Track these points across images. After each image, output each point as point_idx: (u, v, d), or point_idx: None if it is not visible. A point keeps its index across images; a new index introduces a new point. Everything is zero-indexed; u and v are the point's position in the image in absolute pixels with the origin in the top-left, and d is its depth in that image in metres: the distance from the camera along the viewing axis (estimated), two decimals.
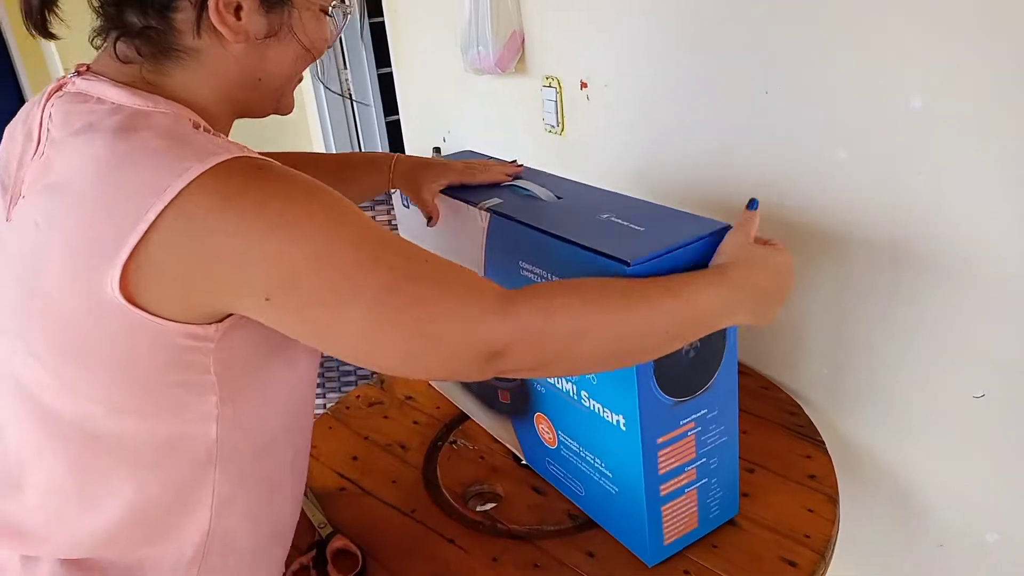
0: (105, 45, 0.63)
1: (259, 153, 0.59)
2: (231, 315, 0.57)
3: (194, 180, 0.51)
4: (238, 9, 0.60)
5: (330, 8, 0.66)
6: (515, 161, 0.93)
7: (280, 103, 0.70)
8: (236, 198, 0.52)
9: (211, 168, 0.52)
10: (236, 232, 0.52)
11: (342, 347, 0.57)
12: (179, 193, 0.51)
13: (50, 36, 0.62)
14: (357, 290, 0.54)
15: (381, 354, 0.58)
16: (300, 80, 0.71)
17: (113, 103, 0.58)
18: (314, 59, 0.68)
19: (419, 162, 0.92)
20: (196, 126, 0.58)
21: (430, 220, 0.90)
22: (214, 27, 0.60)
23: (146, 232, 0.51)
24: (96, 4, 0.61)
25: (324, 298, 0.54)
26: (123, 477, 0.60)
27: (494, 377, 0.59)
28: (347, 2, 0.68)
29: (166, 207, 0.51)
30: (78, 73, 0.62)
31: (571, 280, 0.63)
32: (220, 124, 0.65)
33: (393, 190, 0.97)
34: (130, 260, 0.52)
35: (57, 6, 0.62)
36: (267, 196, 0.53)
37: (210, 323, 0.56)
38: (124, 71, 0.61)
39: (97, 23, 0.62)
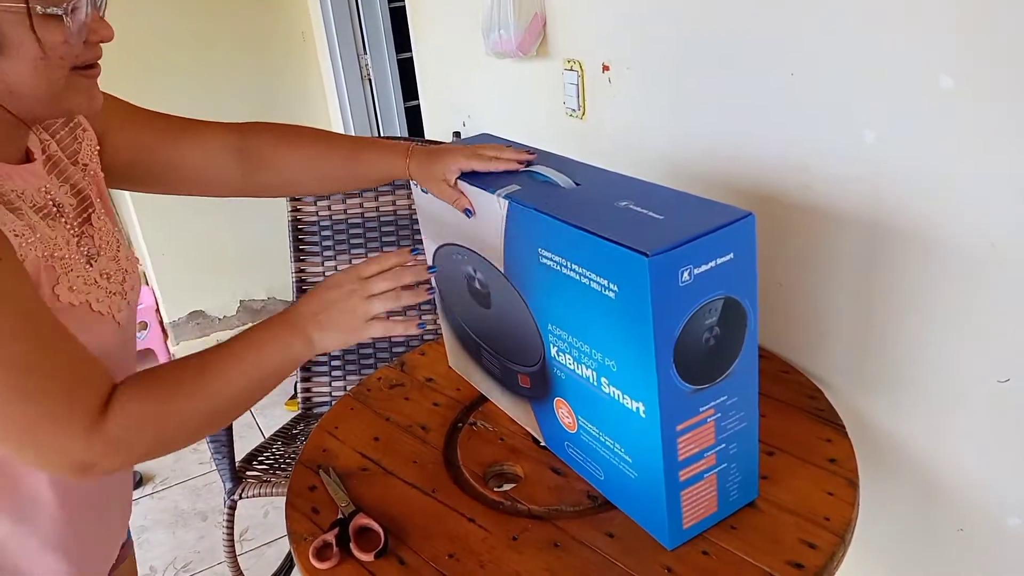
0: None
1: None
2: None
3: None
4: None
5: (46, 10, 0.61)
6: (530, 149, 0.93)
7: (63, 107, 0.68)
8: None
9: None
10: None
11: None
12: None
13: None
14: None
15: None
16: (95, 73, 0.68)
17: None
18: (67, 62, 0.64)
19: (431, 153, 0.91)
20: None
21: (467, 212, 0.89)
22: None
23: None
24: None
25: None
26: None
27: (513, 362, 0.61)
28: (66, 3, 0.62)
29: None
30: None
31: (149, 375, 0.68)
32: None
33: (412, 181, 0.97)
34: None
35: None
36: None
37: None
38: None
39: None
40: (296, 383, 1.79)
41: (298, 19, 2.70)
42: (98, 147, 0.83)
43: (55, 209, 0.73)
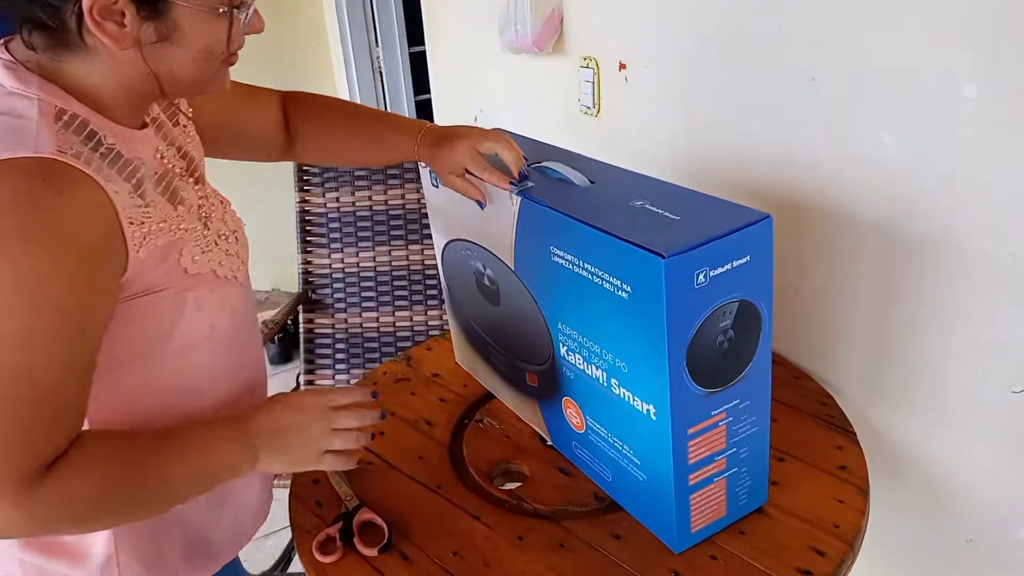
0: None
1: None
2: None
3: None
4: (123, 15, 0.60)
5: (221, 9, 0.64)
6: (527, 160, 0.86)
7: (203, 90, 0.71)
8: None
9: (4, 159, 0.56)
10: None
11: None
12: None
13: None
14: None
15: None
16: (231, 62, 0.70)
17: None
18: (222, 59, 0.68)
19: (440, 140, 0.87)
20: (60, 115, 0.62)
21: (480, 204, 0.87)
22: None
23: None
24: None
25: None
26: None
27: (521, 360, 0.60)
28: (237, 10, 0.65)
29: None
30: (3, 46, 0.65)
31: (96, 446, 0.64)
32: (122, 112, 0.68)
33: (421, 165, 0.96)
34: None
35: None
36: None
37: None
38: (27, 53, 0.64)
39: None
40: (299, 375, 1.79)
41: (311, 11, 2.70)
42: (191, 109, 0.84)
43: (175, 170, 0.74)
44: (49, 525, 0.64)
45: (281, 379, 2.52)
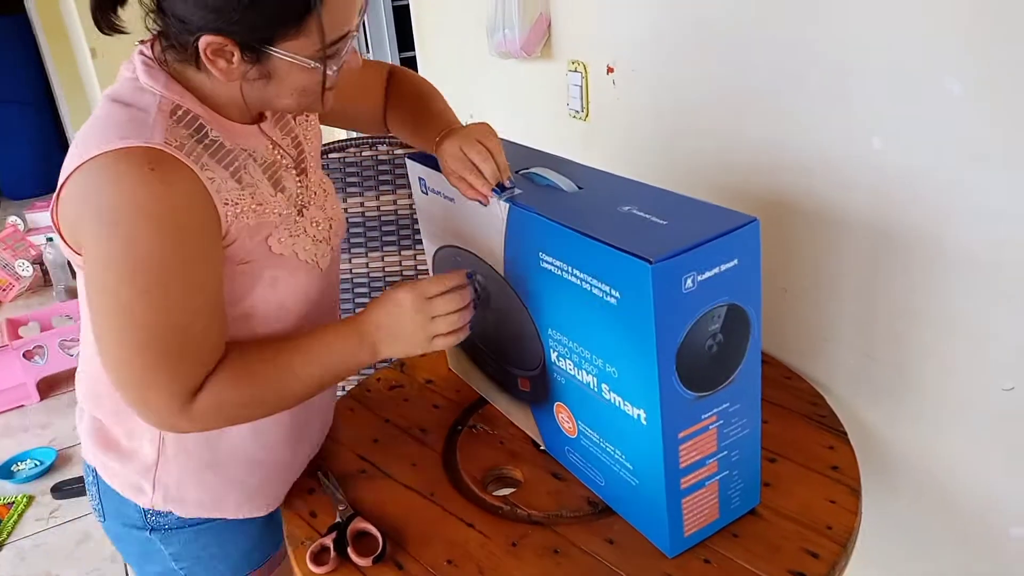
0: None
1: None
2: None
3: (99, 155, 0.68)
4: (232, 56, 0.70)
5: (312, 64, 0.72)
6: (510, 176, 0.85)
7: (299, 112, 0.82)
8: (100, 185, 0.68)
9: (112, 151, 0.68)
10: (86, 206, 0.69)
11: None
12: (86, 160, 0.68)
13: (115, 30, 0.76)
14: (114, 315, 0.71)
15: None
16: (330, 92, 0.77)
17: (132, 76, 0.75)
18: (317, 96, 0.76)
19: (449, 136, 0.87)
20: (176, 110, 0.73)
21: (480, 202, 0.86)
22: None
23: (65, 182, 0.70)
24: (148, 9, 0.73)
25: (101, 299, 0.71)
26: None
27: (513, 365, 0.61)
28: (330, 62, 0.73)
29: (78, 167, 0.68)
30: (144, 42, 0.77)
31: (237, 362, 0.77)
32: (233, 112, 0.79)
33: (409, 171, 0.98)
34: (57, 200, 0.72)
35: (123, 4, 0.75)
36: (113, 197, 0.68)
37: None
38: (161, 54, 0.75)
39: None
40: None
41: None
42: None
43: (283, 162, 0.84)
44: (209, 425, 0.79)
45: None
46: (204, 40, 0.69)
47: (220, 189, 0.73)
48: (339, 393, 1.17)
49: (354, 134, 2.77)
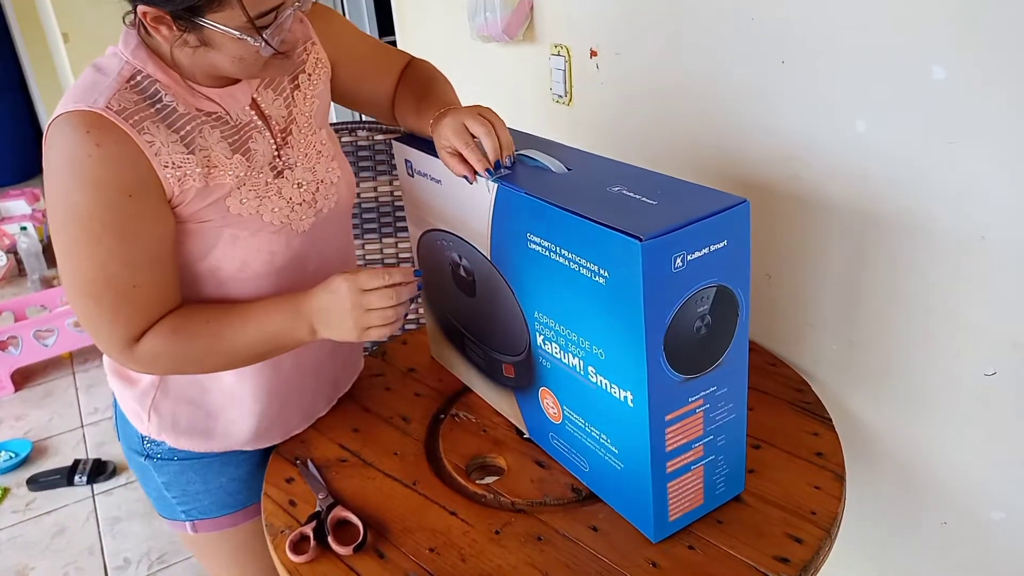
0: None
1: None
2: None
3: (57, 116, 0.74)
4: (170, 24, 0.73)
5: (239, 35, 0.73)
6: (512, 156, 0.83)
7: (260, 77, 0.83)
8: (50, 143, 0.74)
9: (64, 113, 0.73)
10: (44, 161, 0.75)
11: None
12: (51, 121, 0.74)
13: None
14: (61, 257, 0.77)
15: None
16: (281, 58, 0.78)
17: (115, 48, 0.80)
18: (263, 59, 0.77)
19: (445, 113, 0.86)
20: (135, 75, 0.78)
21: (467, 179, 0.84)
22: None
23: (45, 137, 0.75)
24: None
25: (54, 240, 0.77)
26: None
27: (497, 351, 0.59)
28: (265, 33, 0.73)
29: (48, 125, 0.75)
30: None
31: (179, 319, 0.81)
32: (198, 76, 0.81)
33: (397, 152, 0.96)
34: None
35: None
36: (58, 155, 0.74)
37: None
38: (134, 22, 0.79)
39: None
40: None
41: None
42: (328, 67, 0.95)
43: (260, 123, 0.85)
44: (153, 370, 0.85)
45: None
46: (141, 8, 0.72)
47: (160, 153, 0.76)
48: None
49: (334, 120, 2.74)
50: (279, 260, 0.86)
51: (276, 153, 0.87)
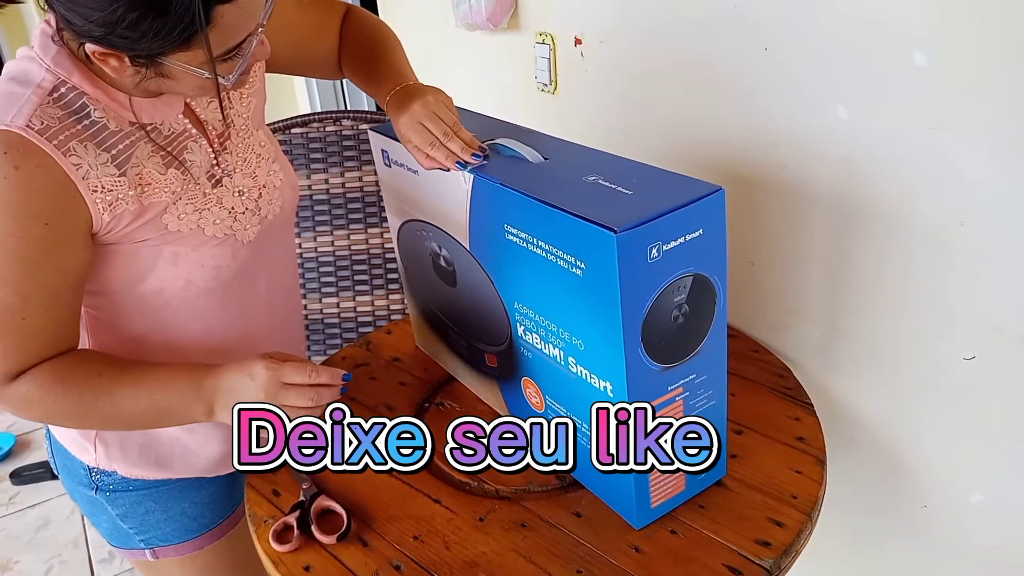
0: None
1: None
2: None
3: None
4: (122, 59, 0.66)
5: (205, 74, 0.68)
6: (482, 146, 0.82)
7: (205, 95, 0.79)
8: None
9: None
10: None
11: None
12: None
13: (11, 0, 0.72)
14: None
15: None
16: (245, 79, 0.76)
17: (31, 47, 0.72)
18: (213, 90, 0.71)
19: (400, 104, 0.83)
20: (58, 87, 0.70)
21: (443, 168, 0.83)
22: None
23: None
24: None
25: None
26: None
27: (479, 341, 0.59)
28: (229, 64, 0.69)
29: None
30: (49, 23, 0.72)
31: (61, 367, 0.75)
32: (133, 92, 0.74)
33: (373, 143, 0.95)
34: None
35: None
36: None
37: None
38: (57, 31, 0.71)
39: None
40: None
41: None
42: (263, 61, 0.89)
43: (195, 131, 0.80)
44: (20, 413, 0.77)
45: None
46: (90, 47, 0.65)
47: (88, 176, 0.70)
48: None
49: (317, 108, 2.71)
50: (225, 274, 0.82)
51: (214, 161, 0.82)
